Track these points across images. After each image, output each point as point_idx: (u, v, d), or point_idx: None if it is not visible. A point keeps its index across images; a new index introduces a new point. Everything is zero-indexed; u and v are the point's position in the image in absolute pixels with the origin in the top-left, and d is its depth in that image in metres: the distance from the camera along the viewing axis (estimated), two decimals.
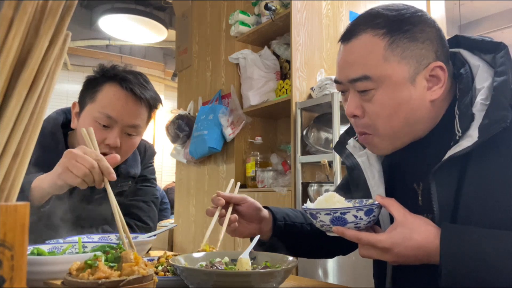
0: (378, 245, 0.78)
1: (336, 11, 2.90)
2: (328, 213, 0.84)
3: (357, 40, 0.88)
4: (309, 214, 0.87)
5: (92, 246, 0.96)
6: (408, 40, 0.85)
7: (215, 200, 1.08)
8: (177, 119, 3.40)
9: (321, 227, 0.87)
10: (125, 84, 1.29)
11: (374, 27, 0.87)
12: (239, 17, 3.00)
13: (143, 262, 0.68)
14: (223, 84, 3.30)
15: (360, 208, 0.82)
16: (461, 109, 0.85)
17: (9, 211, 0.40)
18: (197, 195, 3.54)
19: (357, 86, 0.88)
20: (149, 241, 1.10)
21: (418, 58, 0.86)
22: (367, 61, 0.86)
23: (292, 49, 2.63)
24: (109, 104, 1.28)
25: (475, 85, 0.86)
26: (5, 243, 0.39)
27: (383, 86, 0.85)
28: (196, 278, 0.74)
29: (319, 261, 2.18)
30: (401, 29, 0.86)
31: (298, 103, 2.57)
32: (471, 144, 0.79)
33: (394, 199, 0.82)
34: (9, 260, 0.40)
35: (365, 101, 0.88)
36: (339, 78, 0.92)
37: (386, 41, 0.85)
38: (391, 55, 0.85)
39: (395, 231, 0.78)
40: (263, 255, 0.93)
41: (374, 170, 0.98)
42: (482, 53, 0.91)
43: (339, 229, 0.82)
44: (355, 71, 0.87)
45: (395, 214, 0.80)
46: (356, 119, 0.91)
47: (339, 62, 0.92)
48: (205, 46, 3.58)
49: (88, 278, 0.62)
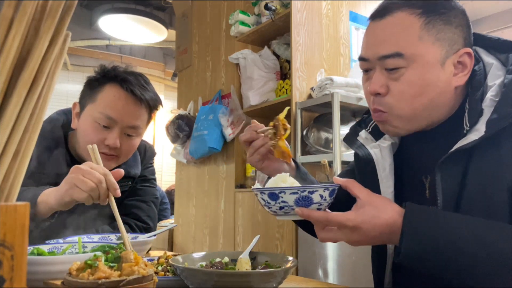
0: (347, 224, 0.76)
1: (336, 11, 2.90)
2: (294, 192, 0.78)
3: (392, 18, 0.87)
4: (268, 194, 0.79)
5: (92, 246, 0.96)
6: (443, 23, 0.86)
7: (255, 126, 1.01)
8: (177, 119, 3.40)
9: (279, 209, 0.81)
10: (126, 85, 1.30)
11: (411, 6, 0.86)
12: (239, 17, 3.00)
13: (143, 262, 0.68)
14: (223, 84, 3.30)
15: (326, 188, 0.79)
16: (471, 104, 0.86)
17: (9, 211, 0.40)
18: (197, 195, 3.54)
19: (387, 63, 0.87)
20: (149, 241, 1.10)
21: (450, 42, 0.86)
22: (402, 38, 0.86)
23: (292, 49, 2.63)
24: (110, 104, 1.28)
25: (487, 82, 0.87)
26: (5, 243, 0.39)
27: (413, 65, 0.85)
28: (196, 278, 0.74)
29: (319, 261, 2.18)
30: (437, 11, 0.86)
31: (298, 103, 2.57)
32: (478, 138, 0.80)
33: (353, 179, 0.82)
34: (9, 260, 0.40)
35: (392, 79, 0.87)
36: (367, 55, 0.91)
37: (422, 21, 0.85)
38: (426, 34, 0.85)
39: (363, 209, 0.78)
40: (263, 255, 0.93)
41: (385, 163, 0.98)
42: (497, 52, 0.92)
43: (304, 211, 0.79)
44: (387, 48, 0.86)
45: (358, 194, 0.79)
46: (377, 97, 0.90)
47: (368, 39, 0.91)
48: (205, 46, 3.58)
49: (88, 278, 0.62)
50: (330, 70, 2.78)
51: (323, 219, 0.78)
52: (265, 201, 0.81)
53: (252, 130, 1.00)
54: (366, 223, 0.76)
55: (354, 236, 0.78)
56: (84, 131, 1.29)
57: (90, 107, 1.30)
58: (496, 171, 0.79)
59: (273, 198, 0.79)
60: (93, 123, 1.28)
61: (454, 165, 0.84)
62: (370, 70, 0.92)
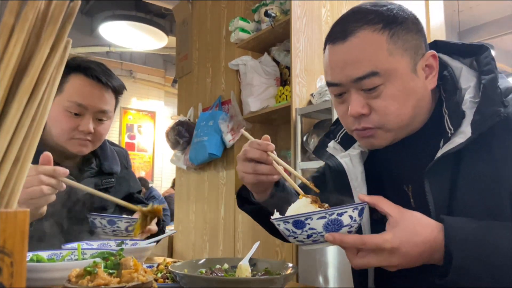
0: (385, 246, 0.70)
1: (335, 17, 2.89)
2: (322, 217, 0.71)
3: (355, 38, 0.85)
4: (293, 223, 0.73)
5: (91, 252, 0.95)
6: (406, 32, 0.85)
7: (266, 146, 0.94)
8: (177, 125, 3.40)
9: (306, 238, 0.74)
10: (90, 72, 1.34)
11: (370, 23, 0.85)
12: (239, 23, 3.01)
13: (143, 268, 0.68)
14: (223, 91, 3.30)
15: (355, 207, 0.73)
16: (450, 108, 0.86)
17: (9, 217, 0.40)
18: (197, 202, 3.53)
19: (363, 84, 0.84)
20: (148, 248, 1.09)
21: (415, 49, 0.86)
22: (373, 57, 0.84)
23: (292, 55, 2.63)
24: (77, 92, 1.32)
25: (460, 85, 0.88)
26: (4, 250, 0.39)
27: (390, 80, 0.84)
28: (196, 285, 0.74)
29: (320, 268, 2.17)
30: (396, 22, 0.85)
31: (298, 109, 2.57)
32: (465, 140, 0.79)
33: (381, 196, 0.77)
34: (8, 267, 0.40)
35: (371, 98, 0.86)
36: (338, 80, 0.88)
37: (386, 35, 0.84)
38: (394, 48, 0.84)
39: (398, 227, 0.72)
40: (263, 262, 0.93)
41: (357, 171, 0.96)
42: (461, 57, 0.93)
43: (336, 236, 0.72)
44: (360, 69, 0.84)
45: (389, 211, 0.74)
46: (361, 117, 0.88)
47: (334, 63, 0.88)
48: (205, 53, 3.59)
49: (87, 285, 0.62)
50: None
51: (358, 243, 0.72)
52: (290, 231, 0.74)
53: (262, 149, 0.93)
54: (405, 243, 0.70)
55: (393, 259, 0.71)
56: (56, 120, 1.32)
57: (58, 98, 1.33)
58: (491, 172, 0.78)
59: (299, 226, 0.72)
60: (64, 112, 1.31)
61: (442, 171, 0.82)
62: (344, 93, 0.89)
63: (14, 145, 0.46)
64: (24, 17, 0.46)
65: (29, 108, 0.47)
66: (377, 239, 0.71)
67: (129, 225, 1.27)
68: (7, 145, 0.45)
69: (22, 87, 0.46)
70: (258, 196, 1.03)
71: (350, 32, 0.85)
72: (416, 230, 0.71)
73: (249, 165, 0.94)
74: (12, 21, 0.45)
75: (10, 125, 0.45)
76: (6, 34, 0.45)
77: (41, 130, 0.49)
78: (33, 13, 0.46)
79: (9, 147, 0.46)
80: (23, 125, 0.46)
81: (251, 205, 1.06)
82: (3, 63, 0.45)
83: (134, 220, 1.27)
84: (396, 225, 0.72)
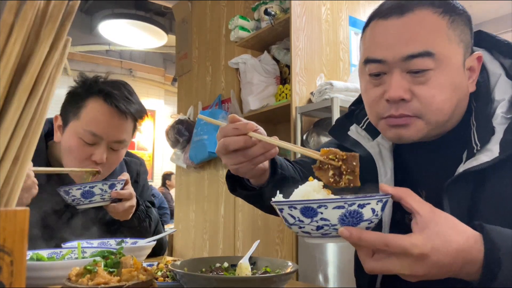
0: (413, 251, 0.58)
1: (335, 16, 2.90)
2: (340, 206, 0.59)
3: (414, 15, 0.78)
4: (302, 209, 0.60)
5: (91, 251, 0.95)
6: (464, 24, 0.80)
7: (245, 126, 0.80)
8: (177, 124, 3.40)
9: (315, 229, 0.61)
10: (110, 99, 1.27)
11: (431, 5, 0.78)
12: (238, 22, 3.01)
13: (143, 267, 0.68)
14: (223, 89, 3.30)
15: (380, 199, 0.61)
16: (479, 121, 0.80)
17: (9, 216, 0.40)
18: (197, 200, 3.53)
19: (413, 64, 0.76)
20: (148, 246, 1.09)
21: (467, 45, 0.81)
22: (431, 37, 0.77)
23: (292, 54, 2.63)
24: (94, 121, 1.26)
25: (493, 96, 0.81)
26: (4, 249, 0.39)
27: (442, 67, 0.77)
28: (196, 283, 0.74)
29: (320, 267, 2.17)
30: (456, 11, 0.80)
31: (298, 107, 2.57)
32: (491, 160, 0.73)
33: (408, 189, 0.65)
34: (8, 266, 0.39)
35: (417, 83, 0.78)
36: (383, 56, 0.79)
37: (447, 20, 0.78)
38: (453, 35, 0.78)
39: (430, 230, 0.60)
40: (263, 260, 0.93)
41: (387, 167, 0.89)
42: (502, 56, 0.86)
43: (354, 231, 0.60)
44: (414, 46, 0.76)
45: (417, 208, 0.62)
46: (399, 104, 0.79)
47: (383, 38, 0.80)
48: (205, 51, 3.59)
49: (87, 283, 0.62)
50: (330, 75, 2.79)
51: (380, 244, 0.59)
52: (296, 218, 0.62)
53: (241, 133, 0.80)
54: (436, 250, 0.59)
55: (419, 268, 0.59)
56: (69, 148, 1.27)
57: (74, 123, 1.27)
58: None
59: (309, 215, 0.60)
60: (78, 140, 1.26)
61: (463, 187, 0.76)
62: (383, 74, 0.81)
63: (14, 144, 0.46)
64: (24, 16, 0.45)
65: (28, 107, 0.47)
66: (404, 241, 0.58)
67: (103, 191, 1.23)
68: (6, 144, 0.45)
69: (22, 86, 0.46)
70: (255, 181, 0.92)
71: (409, 8, 0.78)
72: (451, 237, 0.60)
73: (238, 156, 0.81)
74: (11, 19, 0.45)
75: (10, 124, 0.45)
76: (6, 33, 0.45)
77: (40, 129, 0.49)
78: (32, 11, 0.46)
79: (9, 146, 0.45)
80: (23, 124, 0.46)
81: (246, 191, 0.95)
82: (2, 62, 0.45)
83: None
84: (426, 227, 0.60)
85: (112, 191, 1.24)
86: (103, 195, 1.23)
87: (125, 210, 1.27)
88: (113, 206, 1.26)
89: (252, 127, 0.80)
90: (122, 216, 1.30)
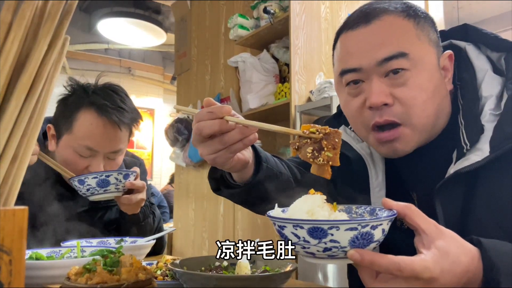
0: (424, 276, 0.56)
1: (335, 14, 2.90)
2: (353, 228, 0.55)
3: (381, 21, 0.79)
4: (309, 230, 0.55)
5: (90, 250, 0.95)
6: (428, 25, 0.81)
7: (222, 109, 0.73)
8: (176, 123, 3.40)
9: (322, 251, 0.57)
10: (102, 111, 1.24)
11: (394, 11, 0.80)
12: (238, 20, 3.00)
13: (142, 266, 0.67)
14: (222, 88, 3.30)
15: (390, 219, 0.58)
16: (467, 119, 0.78)
17: (8, 215, 0.40)
18: (196, 199, 3.53)
19: (389, 66, 0.76)
20: (147, 245, 1.09)
21: (437, 44, 0.81)
22: (402, 38, 0.77)
23: (291, 52, 2.63)
24: (88, 135, 1.23)
25: (481, 93, 0.79)
26: (3, 248, 0.39)
27: (418, 67, 0.77)
28: (195, 282, 0.74)
29: (319, 265, 2.17)
30: (419, 15, 0.81)
31: (297, 106, 2.57)
32: (481, 159, 0.72)
33: (411, 204, 0.63)
34: (7, 265, 0.39)
35: (396, 86, 0.77)
36: (359, 64, 0.79)
37: (412, 22, 0.79)
38: (422, 34, 0.78)
39: (437, 251, 0.58)
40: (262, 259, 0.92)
41: (378, 169, 0.87)
42: (489, 50, 0.84)
43: (366, 255, 0.56)
44: (387, 49, 0.76)
45: (424, 226, 0.60)
46: (382, 109, 0.78)
47: (355, 47, 0.80)
48: (204, 50, 3.58)
49: (86, 282, 0.62)
50: (329, 73, 2.79)
51: (394, 269, 0.55)
52: (301, 238, 0.56)
53: (216, 117, 0.73)
54: (446, 273, 0.57)
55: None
56: (65, 160, 1.25)
57: (67, 137, 1.25)
58: (510, 194, 0.70)
59: (317, 236, 0.55)
60: (73, 154, 1.24)
61: (455, 188, 0.75)
62: (361, 81, 0.80)
63: (12, 143, 0.46)
64: (22, 14, 0.45)
65: (27, 106, 0.46)
66: (417, 265, 0.56)
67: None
68: (5, 142, 0.45)
69: (20, 85, 0.46)
70: (238, 176, 0.86)
71: (374, 15, 0.80)
72: (459, 258, 0.59)
73: (214, 143, 0.74)
74: (9, 18, 0.45)
75: (8, 123, 0.45)
76: (4, 31, 0.45)
77: (39, 128, 0.49)
78: (30, 10, 0.46)
79: (7, 144, 0.45)
80: (21, 123, 0.46)
81: (230, 189, 0.90)
82: (0, 60, 0.44)
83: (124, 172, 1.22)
84: (434, 247, 0.58)
85: (126, 181, 1.22)
86: (118, 185, 1.21)
87: (137, 202, 1.26)
88: (127, 197, 1.24)
89: (229, 111, 0.74)
90: (132, 209, 1.29)
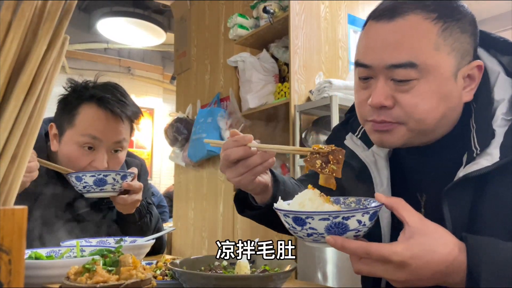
0: (392, 259, 0.62)
1: (334, 14, 2.90)
2: (325, 218, 0.65)
3: (404, 21, 0.76)
4: (293, 218, 0.68)
5: (90, 250, 0.95)
6: (460, 31, 0.77)
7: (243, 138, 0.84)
8: (175, 122, 3.40)
9: (307, 236, 0.69)
10: (103, 104, 1.25)
11: (425, 9, 0.76)
12: (237, 20, 3.00)
13: (142, 266, 0.67)
14: (221, 87, 3.30)
15: (366, 211, 0.67)
16: (479, 123, 0.78)
17: (7, 215, 0.40)
18: (195, 199, 3.53)
19: (396, 73, 0.76)
20: (147, 245, 1.09)
21: (463, 53, 0.78)
22: (416, 46, 0.75)
23: (291, 52, 2.63)
24: (91, 125, 1.25)
25: (493, 96, 0.79)
26: (2, 247, 0.39)
27: (427, 77, 0.75)
28: (195, 282, 0.74)
29: (319, 265, 2.18)
30: (453, 17, 0.77)
31: (297, 106, 2.57)
32: (491, 164, 0.72)
33: (401, 198, 0.68)
34: (6, 264, 0.39)
35: (400, 91, 0.77)
36: (369, 61, 0.79)
37: (439, 27, 0.75)
38: (443, 44, 0.75)
39: (413, 240, 0.64)
40: (262, 259, 0.93)
41: (383, 176, 0.88)
42: (500, 53, 0.84)
43: (338, 240, 0.65)
44: (398, 56, 0.75)
45: (407, 218, 0.66)
46: (381, 110, 0.79)
47: (371, 42, 0.79)
48: (203, 49, 3.58)
49: (86, 282, 0.62)
50: (329, 73, 2.79)
51: (361, 252, 0.64)
52: (290, 225, 0.70)
53: (241, 145, 0.84)
54: (417, 258, 0.62)
55: (399, 274, 0.64)
56: (68, 157, 1.26)
57: (70, 132, 1.26)
58: None
59: (299, 224, 0.68)
60: (77, 148, 1.25)
61: (463, 192, 0.75)
62: (371, 78, 0.81)
63: (12, 143, 0.46)
64: (21, 14, 0.45)
65: (26, 105, 0.46)
66: (384, 250, 0.63)
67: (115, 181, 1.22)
68: (4, 142, 0.45)
69: (19, 84, 0.46)
70: (260, 198, 0.95)
71: (400, 12, 0.77)
72: (434, 248, 0.63)
73: (238, 167, 0.85)
74: (8, 17, 0.45)
75: (8, 123, 0.45)
76: (3, 30, 0.45)
77: (38, 127, 0.49)
78: (30, 9, 0.46)
79: (7, 144, 0.45)
80: (21, 123, 0.46)
81: (253, 210, 0.99)
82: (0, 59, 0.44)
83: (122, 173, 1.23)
84: (411, 237, 0.64)
85: (123, 182, 1.23)
86: (114, 185, 1.22)
87: (132, 202, 1.26)
88: (123, 197, 1.25)
89: (251, 139, 0.84)
90: (127, 209, 1.29)
